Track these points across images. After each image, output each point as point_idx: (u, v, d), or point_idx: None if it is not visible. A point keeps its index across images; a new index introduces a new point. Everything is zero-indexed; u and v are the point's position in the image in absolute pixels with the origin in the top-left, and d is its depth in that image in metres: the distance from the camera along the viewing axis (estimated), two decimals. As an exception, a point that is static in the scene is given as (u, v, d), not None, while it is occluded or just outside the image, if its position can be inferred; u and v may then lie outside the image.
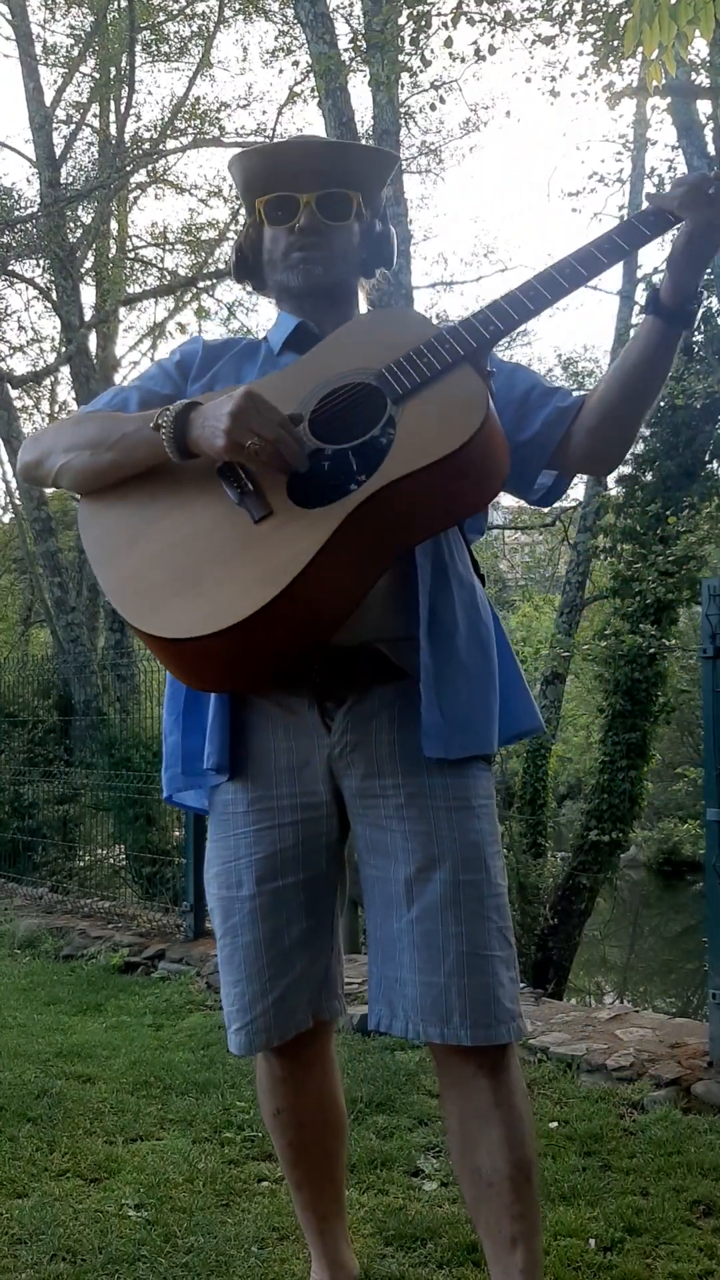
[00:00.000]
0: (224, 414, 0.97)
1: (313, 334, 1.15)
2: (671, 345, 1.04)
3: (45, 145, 8.48)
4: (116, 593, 1.00)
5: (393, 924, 1.03)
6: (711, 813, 2.23)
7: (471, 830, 1.03)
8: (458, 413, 0.95)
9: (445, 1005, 0.99)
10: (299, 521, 0.96)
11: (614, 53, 5.41)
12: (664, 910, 12.14)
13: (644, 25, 2.47)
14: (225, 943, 1.10)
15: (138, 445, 1.04)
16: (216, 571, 0.96)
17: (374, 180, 1.18)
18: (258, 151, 1.16)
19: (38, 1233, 1.50)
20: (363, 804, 1.06)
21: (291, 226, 1.13)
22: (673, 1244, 1.49)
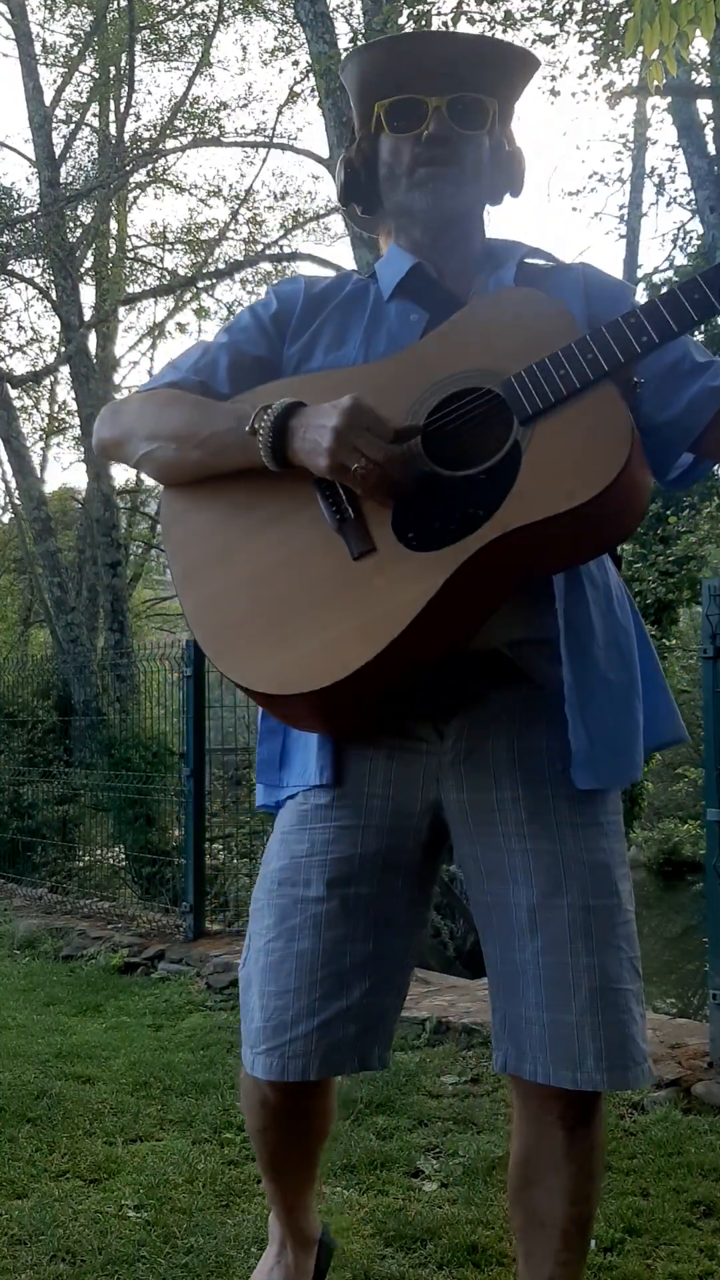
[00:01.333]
0: (328, 429, 0.85)
1: (429, 279, 1.00)
2: None
3: (45, 145, 8.48)
4: (197, 620, 0.90)
5: (515, 955, 0.91)
6: (711, 813, 2.22)
7: (601, 850, 0.93)
8: (594, 453, 0.80)
9: (579, 1047, 0.89)
10: (404, 565, 0.83)
11: (614, 52, 5.42)
12: (664, 911, 12.13)
13: (645, 25, 2.47)
14: (276, 946, 0.93)
15: (229, 447, 0.91)
16: (308, 615, 0.85)
17: (513, 86, 1.00)
18: (380, 46, 0.99)
19: (37, 1233, 1.50)
20: (476, 819, 0.93)
21: (419, 135, 0.96)
22: (673, 1245, 1.49)
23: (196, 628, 0.90)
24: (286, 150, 11.31)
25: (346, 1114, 2.01)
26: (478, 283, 1.01)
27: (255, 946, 0.97)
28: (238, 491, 0.93)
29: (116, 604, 8.43)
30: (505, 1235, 1.51)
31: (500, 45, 1.02)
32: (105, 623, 9.54)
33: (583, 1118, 0.93)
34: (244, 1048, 0.97)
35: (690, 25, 2.51)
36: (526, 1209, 0.97)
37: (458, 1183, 1.71)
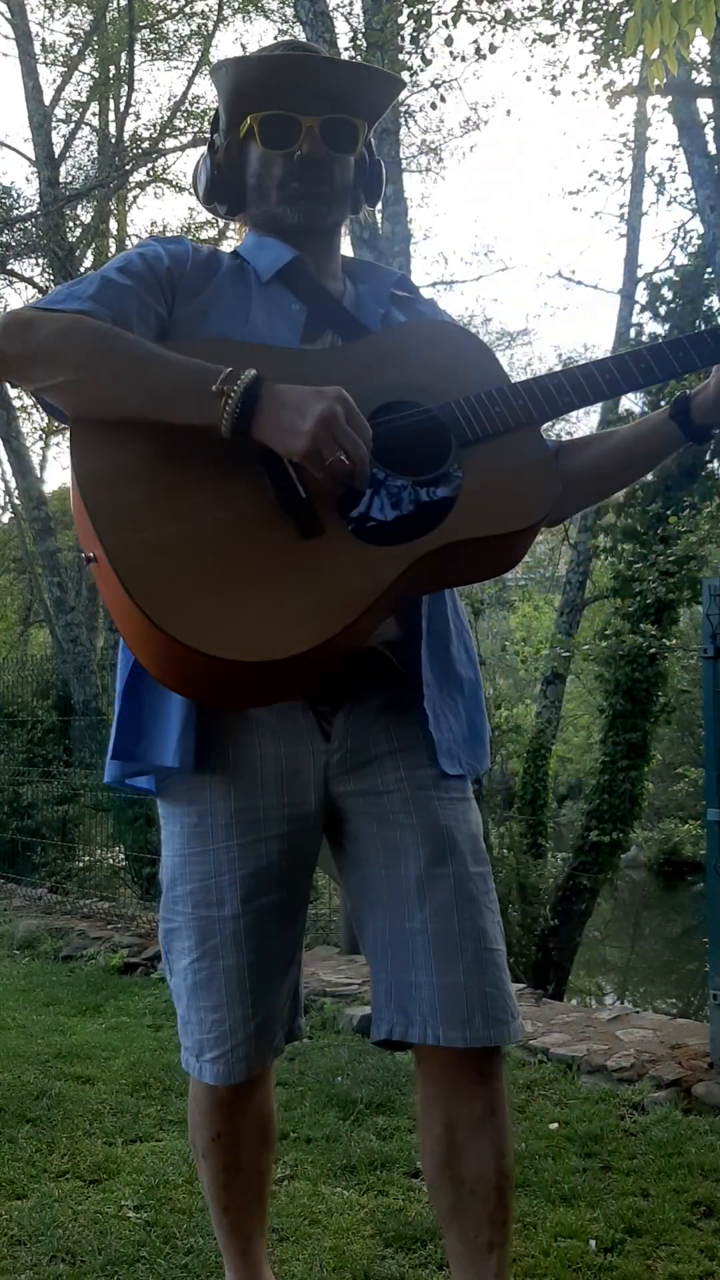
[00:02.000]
0: (312, 414, 0.85)
1: (309, 274, 1.03)
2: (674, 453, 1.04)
3: (44, 144, 8.47)
4: (128, 560, 0.84)
5: (405, 924, 0.97)
6: (712, 813, 2.22)
7: (471, 821, 1.02)
8: (533, 489, 0.94)
9: (467, 1006, 0.94)
10: (354, 554, 0.88)
11: (614, 51, 5.41)
12: (664, 911, 12.13)
13: (645, 24, 2.46)
14: (201, 965, 0.99)
15: (183, 400, 0.88)
16: (258, 586, 0.86)
17: (380, 106, 1.05)
18: (256, 59, 1.02)
19: (37, 1234, 1.50)
20: (368, 803, 1.00)
21: (290, 153, 1.00)
22: (673, 1245, 1.48)
23: (128, 573, 0.84)
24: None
25: (346, 1114, 2.01)
26: (347, 290, 1.07)
27: (180, 965, 1.02)
28: (165, 441, 0.89)
29: (116, 604, 8.41)
30: (505, 1236, 1.51)
31: (372, 71, 1.07)
32: (105, 623, 9.54)
33: (491, 1071, 0.98)
34: (187, 1055, 1.03)
35: (691, 24, 2.50)
36: (455, 1180, 0.99)
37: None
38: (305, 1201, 1.63)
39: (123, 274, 0.98)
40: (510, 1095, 2.16)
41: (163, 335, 0.98)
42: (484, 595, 10.59)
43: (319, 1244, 1.48)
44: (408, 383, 0.96)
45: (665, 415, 1.01)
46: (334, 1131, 1.92)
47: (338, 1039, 2.53)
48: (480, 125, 13.22)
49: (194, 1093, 1.10)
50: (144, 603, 0.83)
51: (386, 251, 6.57)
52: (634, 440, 1.04)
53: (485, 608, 9.78)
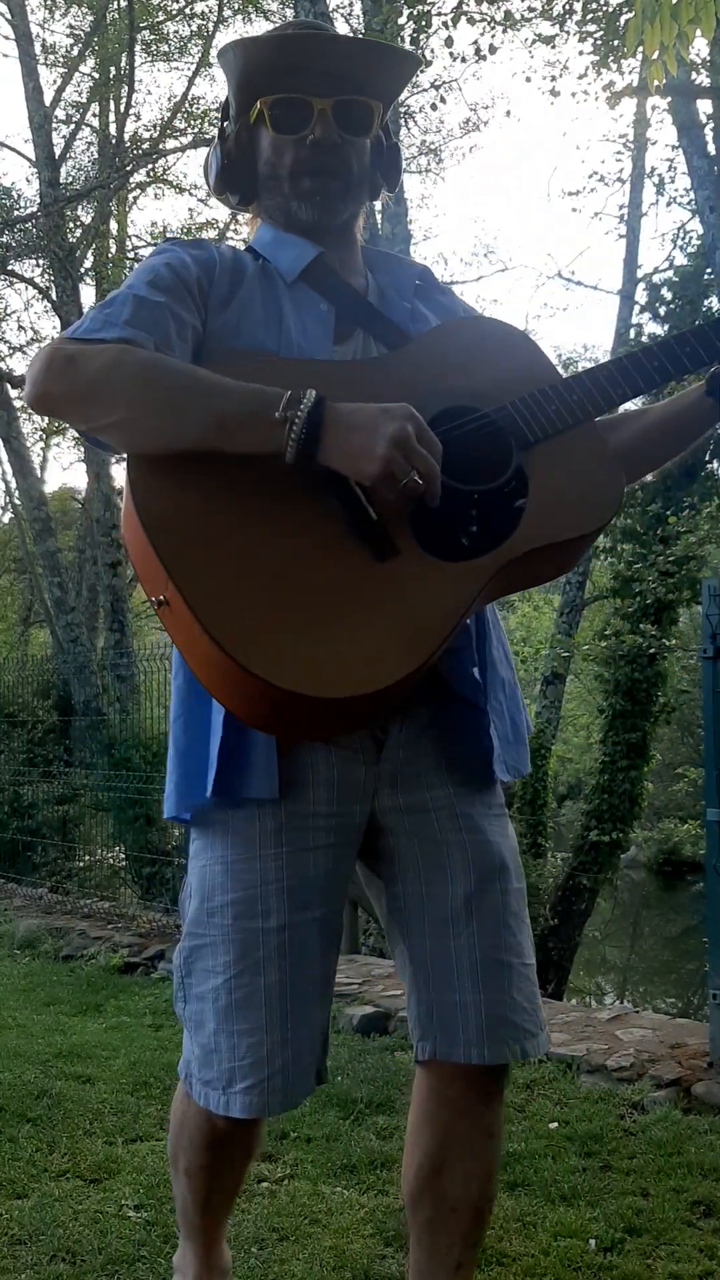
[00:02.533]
0: (384, 435, 0.82)
1: (332, 270, 0.99)
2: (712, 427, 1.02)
3: (45, 145, 8.48)
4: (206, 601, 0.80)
5: (449, 942, 0.94)
6: (711, 813, 2.22)
7: (511, 836, 1.01)
8: (598, 488, 0.92)
9: (511, 1021, 0.94)
10: (433, 573, 0.85)
11: (614, 52, 5.41)
12: (664, 911, 12.13)
13: (645, 25, 2.47)
14: (240, 983, 0.91)
15: (244, 429, 0.83)
16: (341, 617, 0.83)
17: (396, 87, 1.00)
18: (264, 40, 0.97)
19: (37, 1233, 1.50)
20: (414, 818, 0.97)
21: (302, 138, 0.94)
22: (673, 1244, 1.49)
23: (207, 615, 0.79)
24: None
25: (346, 1113, 2.01)
26: (370, 284, 1.03)
27: (208, 985, 0.93)
28: (226, 473, 0.85)
29: (116, 604, 8.43)
30: (506, 1235, 1.51)
31: (387, 49, 1.02)
32: (105, 623, 9.54)
33: (499, 1089, 0.99)
34: (208, 1091, 0.93)
35: (690, 25, 2.51)
36: (436, 1197, 0.97)
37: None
38: (305, 1201, 1.63)
39: (153, 289, 0.93)
40: (510, 1095, 2.17)
41: (199, 349, 0.94)
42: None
43: (319, 1243, 1.48)
44: (460, 387, 0.93)
45: (701, 392, 0.98)
46: (334, 1131, 1.93)
47: (338, 1039, 2.53)
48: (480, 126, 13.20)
49: (190, 1119, 1.01)
50: (229, 646, 0.79)
51: (386, 252, 6.57)
52: (669, 418, 1.01)
53: (485, 608, 9.79)
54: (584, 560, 8.76)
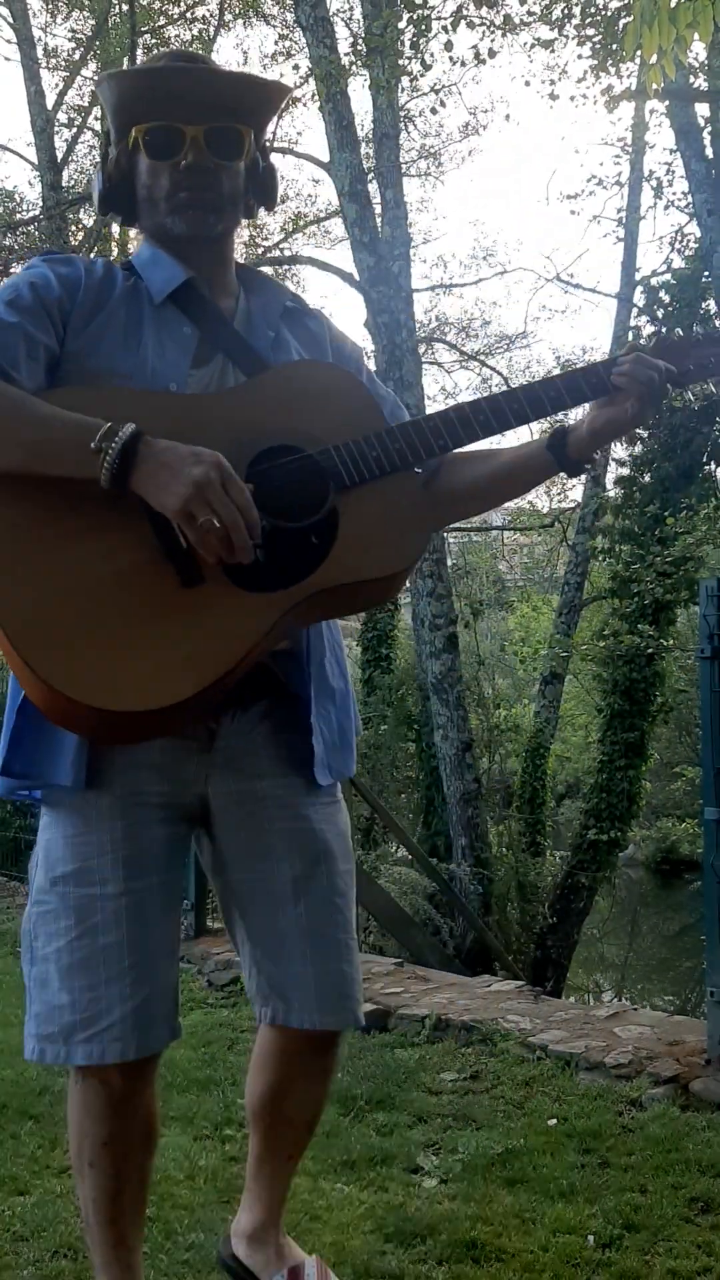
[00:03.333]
0: (188, 478, 0.88)
1: (201, 295, 1.05)
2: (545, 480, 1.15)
3: (47, 148, 8.50)
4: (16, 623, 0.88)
5: (279, 921, 1.07)
6: (709, 812, 2.24)
7: (341, 823, 1.12)
8: (406, 533, 0.99)
9: (340, 991, 1.08)
10: (233, 601, 0.92)
11: (612, 56, 5.44)
12: (662, 909, 12.14)
13: (643, 29, 2.48)
14: (81, 944, 1.00)
15: (62, 456, 0.91)
16: (142, 636, 0.90)
17: (265, 113, 1.07)
18: (137, 72, 1.06)
19: (39, 1230, 1.51)
20: (243, 806, 1.07)
21: (176, 163, 1.01)
22: (671, 1241, 1.50)
23: (13, 627, 0.88)
24: (287, 154, 11.31)
25: (346, 1110, 2.02)
26: (240, 306, 1.10)
27: (50, 948, 1.02)
28: (52, 494, 0.92)
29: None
30: (505, 1231, 1.52)
31: (255, 79, 1.09)
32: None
33: (331, 1048, 1.14)
34: (51, 1046, 1.01)
35: (689, 29, 2.52)
36: (276, 1114, 1.17)
37: (457, 1179, 1.72)
38: (305, 1197, 1.64)
39: (10, 309, 0.98)
40: (509, 1091, 2.18)
41: (53, 367, 1.00)
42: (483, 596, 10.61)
43: (319, 1239, 1.49)
44: (290, 427, 0.99)
45: (543, 445, 1.06)
46: (334, 1127, 1.94)
47: (338, 1037, 2.55)
48: (479, 130, 13.22)
49: (80, 1099, 1.07)
50: (29, 658, 0.87)
51: (386, 255, 6.60)
52: (513, 465, 1.09)
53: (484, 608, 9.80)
54: (582, 561, 8.78)
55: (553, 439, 1.05)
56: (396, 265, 6.63)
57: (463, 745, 6.52)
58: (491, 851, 6.67)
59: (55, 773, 1.00)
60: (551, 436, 1.05)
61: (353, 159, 6.52)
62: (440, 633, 6.45)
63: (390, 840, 6.79)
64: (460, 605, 7.47)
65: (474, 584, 11.78)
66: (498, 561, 15.05)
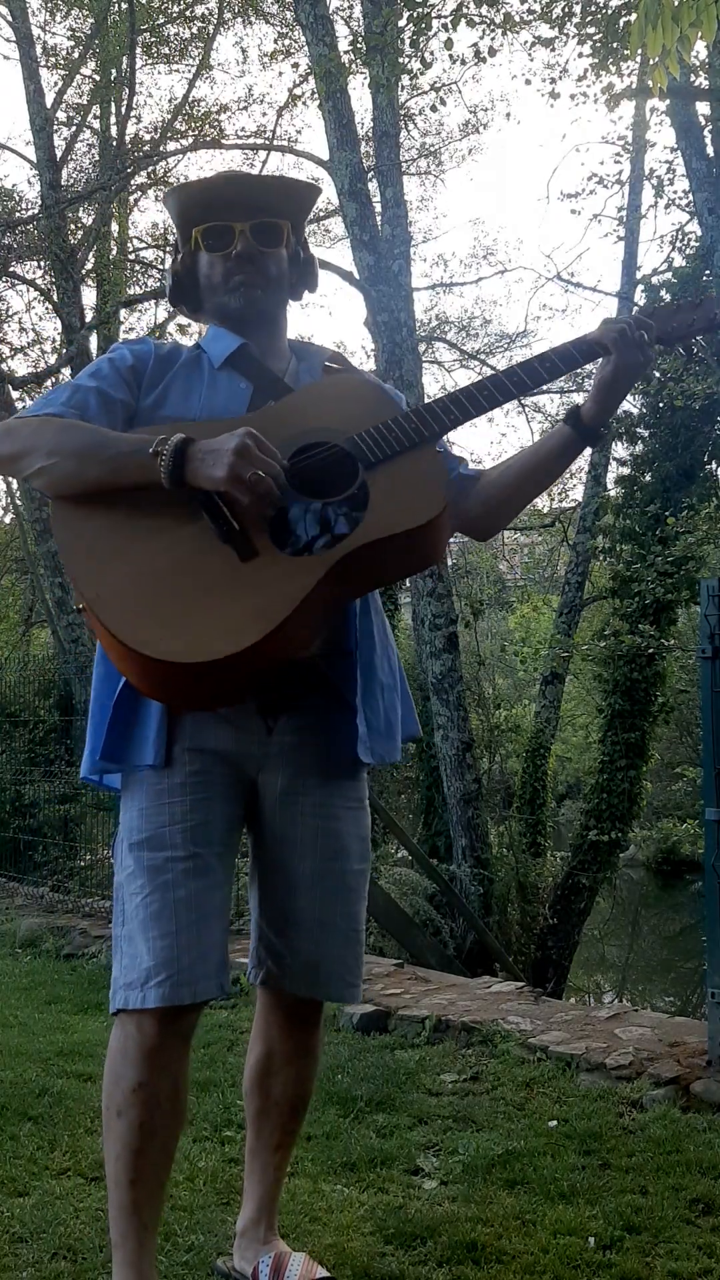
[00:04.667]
0: (228, 449, 1.07)
1: (254, 357, 1.26)
2: (576, 455, 1.24)
3: (46, 147, 8.49)
4: (103, 604, 1.06)
5: (290, 904, 1.23)
6: (710, 812, 2.23)
7: (365, 826, 1.27)
8: (426, 490, 1.12)
9: (331, 972, 1.23)
10: (284, 566, 1.07)
11: (613, 54, 5.43)
12: (663, 909, 12.14)
13: (647, 28, 2.47)
14: (154, 898, 1.13)
15: (130, 466, 1.11)
16: (206, 602, 1.06)
17: (300, 210, 1.30)
18: (194, 185, 1.29)
19: (39, 1231, 1.51)
20: (283, 799, 1.22)
21: (228, 253, 1.24)
22: (672, 1242, 1.49)
23: (104, 612, 1.05)
24: (287, 153, 11.30)
25: (346, 1111, 2.02)
26: (290, 367, 1.30)
27: (132, 905, 1.16)
28: (124, 504, 1.12)
29: (117, 604, 8.41)
30: (505, 1233, 1.52)
31: (289, 182, 1.32)
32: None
33: (317, 1019, 1.31)
34: (132, 993, 1.13)
35: (692, 28, 2.51)
36: (264, 1093, 1.31)
37: (457, 1180, 1.72)
38: (305, 1199, 1.64)
39: (93, 378, 1.22)
40: (509, 1093, 2.18)
41: (130, 419, 1.22)
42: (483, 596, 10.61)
43: (319, 1241, 1.49)
44: (321, 427, 1.16)
45: (560, 421, 1.23)
46: (334, 1129, 1.93)
47: (338, 1037, 2.54)
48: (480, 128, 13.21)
49: (118, 1044, 1.17)
50: (120, 634, 1.05)
51: (386, 254, 6.59)
52: (539, 450, 1.25)
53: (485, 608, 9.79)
54: (583, 561, 8.77)
55: (567, 414, 1.21)
56: (396, 264, 6.63)
57: (463, 745, 6.52)
58: (492, 852, 6.67)
59: (141, 755, 1.16)
60: (567, 414, 1.21)
61: (353, 157, 6.51)
62: (440, 633, 6.45)
63: (390, 841, 6.78)
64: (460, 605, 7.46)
65: (474, 584, 11.78)
66: (498, 561, 15.05)
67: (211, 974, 1.14)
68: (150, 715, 1.16)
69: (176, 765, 1.17)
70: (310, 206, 1.32)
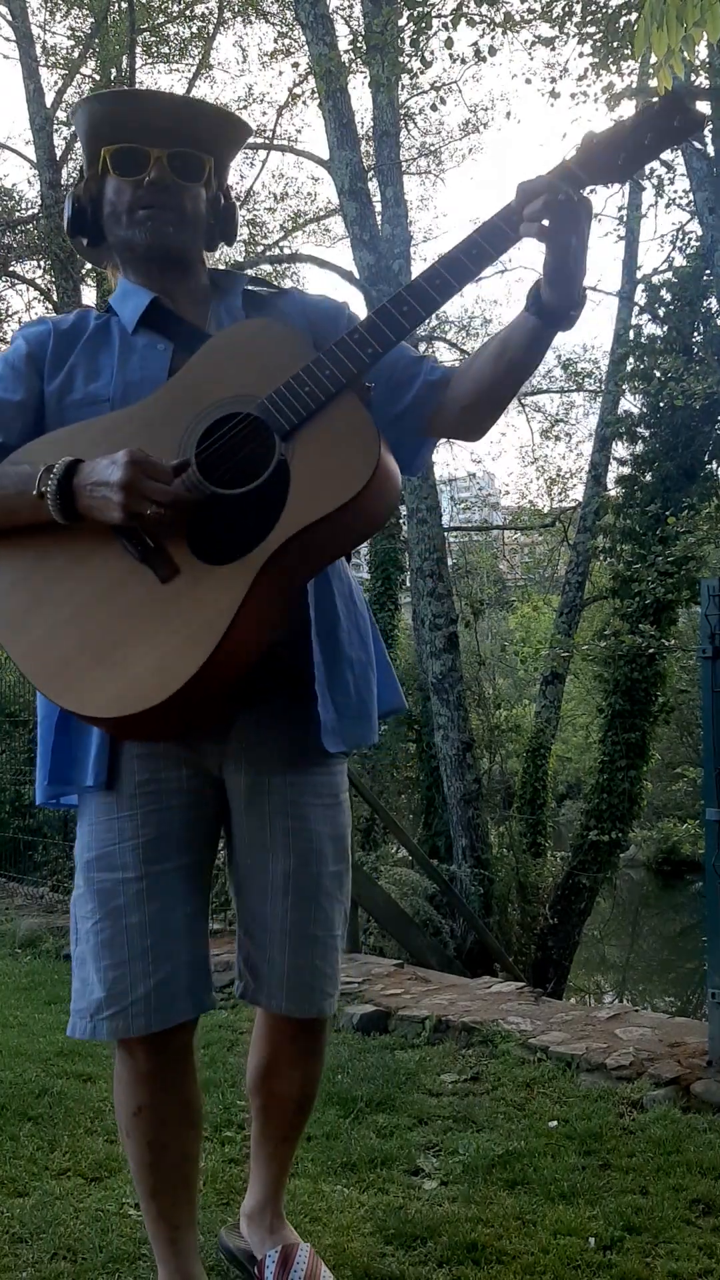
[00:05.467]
0: (114, 484, 0.95)
1: (167, 311, 1.11)
2: (548, 342, 1.05)
3: (46, 146, 8.49)
4: (28, 663, 0.98)
5: (267, 909, 1.14)
6: (710, 812, 2.23)
7: (340, 825, 1.17)
8: (351, 454, 0.95)
9: (308, 984, 1.14)
10: (210, 578, 0.95)
11: (613, 54, 5.42)
12: (663, 910, 12.14)
13: (653, 28, 2.46)
14: (104, 925, 1.07)
15: (18, 509, 1.01)
16: (133, 638, 0.95)
17: (227, 147, 1.15)
18: (109, 95, 1.14)
19: (38, 1231, 1.50)
20: (250, 798, 1.13)
21: (140, 180, 1.08)
22: (672, 1243, 1.49)
23: (31, 672, 0.97)
24: (286, 152, 11.30)
25: (346, 1112, 2.02)
26: (211, 311, 1.14)
27: (84, 929, 1.10)
28: (35, 542, 1.01)
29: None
30: (505, 1233, 1.52)
31: (217, 110, 1.16)
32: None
33: (311, 1031, 1.21)
34: (82, 1021, 1.09)
35: (696, 28, 2.50)
36: (266, 1091, 1.26)
37: (457, 1181, 1.72)
38: (305, 1199, 1.63)
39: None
40: (509, 1093, 2.17)
41: (40, 408, 1.10)
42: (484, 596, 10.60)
43: (319, 1241, 1.49)
44: (228, 395, 1.00)
45: (524, 312, 1.04)
46: (334, 1129, 1.93)
47: (338, 1037, 2.54)
48: (480, 128, 13.21)
49: (117, 1071, 1.14)
50: (49, 692, 0.97)
51: (387, 254, 6.59)
52: (506, 342, 1.05)
53: (485, 608, 9.79)
54: (583, 561, 8.77)
55: (529, 300, 1.02)
56: (396, 263, 6.62)
57: (463, 745, 6.52)
58: (492, 852, 6.67)
59: (81, 776, 1.10)
60: (528, 297, 1.03)
61: (353, 157, 6.51)
62: (440, 632, 6.44)
63: (390, 841, 6.78)
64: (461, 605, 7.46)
65: (474, 584, 11.77)
66: (498, 561, 15.05)
67: (182, 994, 1.07)
68: (90, 733, 1.08)
69: (124, 776, 1.08)
70: (239, 146, 1.16)
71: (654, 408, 7.39)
